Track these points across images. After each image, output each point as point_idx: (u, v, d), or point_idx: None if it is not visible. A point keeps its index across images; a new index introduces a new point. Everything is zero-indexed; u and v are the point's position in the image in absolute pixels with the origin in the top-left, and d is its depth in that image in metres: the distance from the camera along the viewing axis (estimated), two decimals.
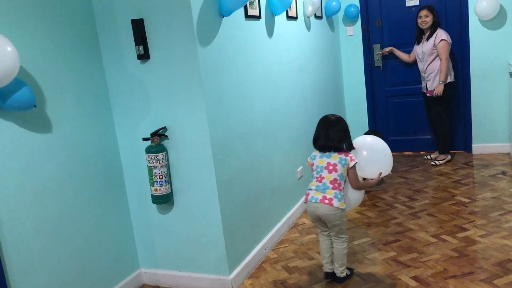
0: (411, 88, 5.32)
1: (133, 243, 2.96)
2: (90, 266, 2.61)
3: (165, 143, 2.72)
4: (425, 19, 4.71)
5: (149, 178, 2.69)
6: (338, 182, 2.56)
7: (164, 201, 2.74)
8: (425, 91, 4.95)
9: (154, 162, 2.64)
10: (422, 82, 5.00)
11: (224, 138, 2.75)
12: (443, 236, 3.19)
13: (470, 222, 3.37)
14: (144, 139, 2.69)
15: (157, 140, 2.66)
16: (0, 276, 2.10)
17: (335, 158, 2.58)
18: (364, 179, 2.78)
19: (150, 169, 2.67)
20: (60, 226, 2.42)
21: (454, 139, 5.28)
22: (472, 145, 5.18)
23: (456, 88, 5.06)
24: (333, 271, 2.77)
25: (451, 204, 3.77)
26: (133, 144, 2.80)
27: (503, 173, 4.37)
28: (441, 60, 4.65)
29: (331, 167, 2.57)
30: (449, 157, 5.00)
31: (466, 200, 3.81)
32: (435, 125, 4.97)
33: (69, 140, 2.50)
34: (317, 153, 2.67)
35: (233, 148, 2.86)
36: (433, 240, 3.16)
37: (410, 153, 5.56)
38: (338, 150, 2.60)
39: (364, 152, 2.69)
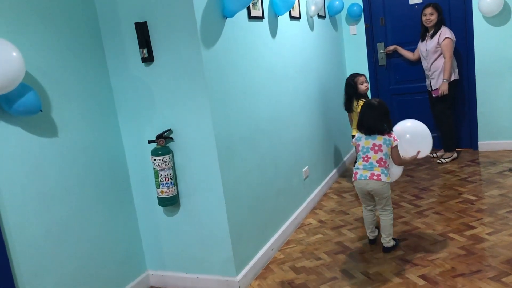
0: (415, 86, 5.31)
1: (140, 245, 2.97)
2: (98, 269, 2.62)
3: (171, 145, 2.72)
4: (430, 17, 4.69)
5: (155, 181, 2.70)
6: (384, 160, 2.88)
7: (170, 203, 2.74)
8: (429, 89, 4.93)
9: (160, 164, 2.65)
10: (427, 80, 4.98)
11: (229, 139, 2.76)
12: (451, 234, 3.18)
13: (477, 220, 3.35)
14: (150, 142, 2.70)
15: (163, 142, 2.67)
16: (9, 280, 2.11)
17: (379, 139, 2.90)
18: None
19: (156, 172, 2.67)
20: (67, 229, 2.43)
21: (460, 136, 5.25)
22: (478, 142, 5.15)
23: (461, 85, 5.04)
24: (375, 238, 3.12)
25: (458, 202, 3.75)
26: (139, 147, 2.81)
27: (510, 170, 4.35)
28: (445, 58, 4.63)
29: (376, 148, 2.89)
30: (455, 155, 4.98)
31: (473, 198, 3.80)
32: (440, 123, 4.95)
33: (75, 144, 2.51)
34: (361, 135, 2.98)
35: (238, 149, 2.86)
36: (441, 238, 3.14)
37: None
38: (381, 131, 2.89)
39: (408, 136, 3.03)
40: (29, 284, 2.21)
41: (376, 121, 2.90)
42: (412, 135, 3.04)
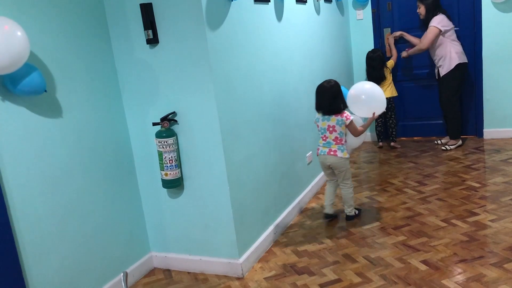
0: (421, 73, 5.27)
1: (144, 227, 2.99)
2: (102, 249, 2.64)
3: (175, 127, 2.72)
4: (418, 10, 4.76)
5: (159, 163, 2.71)
6: (339, 138, 3.22)
7: (174, 185, 2.75)
8: (437, 78, 4.91)
9: (164, 146, 2.65)
10: (435, 68, 4.94)
11: (233, 122, 2.75)
12: (453, 221, 3.18)
13: (480, 207, 3.35)
14: (154, 124, 2.70)
15: (167, 124, 2.67)
16: (14, 260, 2.13)
17: (333, 120, 3.19)
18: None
19: (160, 154, 2.68)
20: (72, 210, 2.45)
21: (465, 123, 5.22)
22: (484, 129, 5.12)
23: (468, 72, 4.99)
24: (332, 213, 3.44)
25: (461, 189, 3.75)
26: (143, 129, 2.81)
27: None
28: (420, 42, 4.70)
29: (331, 129, 3.21)
30: (459, 142, 4.96)
31: (477, 185, 3.79)
32: (446, 109, 4.92)
33: (80, 125, 2.51)
34: (320, 115, 3.26)
35: (242, 132, 2.86)
36: (443, 224, 3.15)
37: (421, 138, 5.52)
38: (336, 111, 3.17)
39: (363, 96, 3.28)
40: (34, 263, 2.24)
41: (330, 102, 3.17)
42: (367, 96, 3.28)
